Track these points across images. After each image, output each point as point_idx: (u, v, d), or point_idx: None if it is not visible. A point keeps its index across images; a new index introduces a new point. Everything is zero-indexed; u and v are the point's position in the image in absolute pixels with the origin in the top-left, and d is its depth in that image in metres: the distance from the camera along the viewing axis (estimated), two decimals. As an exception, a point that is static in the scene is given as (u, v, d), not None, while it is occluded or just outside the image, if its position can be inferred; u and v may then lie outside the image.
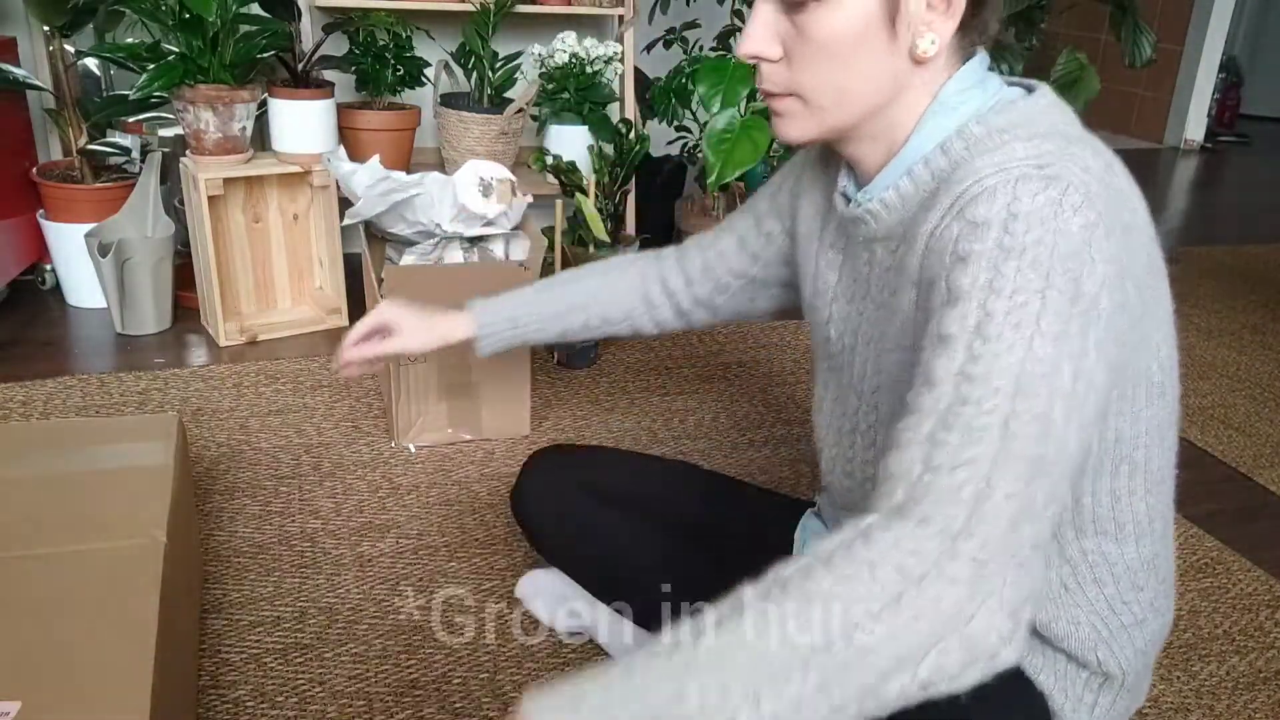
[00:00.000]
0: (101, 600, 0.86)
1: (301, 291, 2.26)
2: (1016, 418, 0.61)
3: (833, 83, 0.74)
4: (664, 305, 1.13)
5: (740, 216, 1.08)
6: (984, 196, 0.67)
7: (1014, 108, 0.74)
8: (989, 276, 0.64)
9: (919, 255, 0.73)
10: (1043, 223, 0.64)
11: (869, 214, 0.81)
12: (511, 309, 1.16)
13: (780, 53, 0.75)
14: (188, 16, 1.85)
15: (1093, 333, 0.64)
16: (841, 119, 0.77)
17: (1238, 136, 4.99)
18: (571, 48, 2.30)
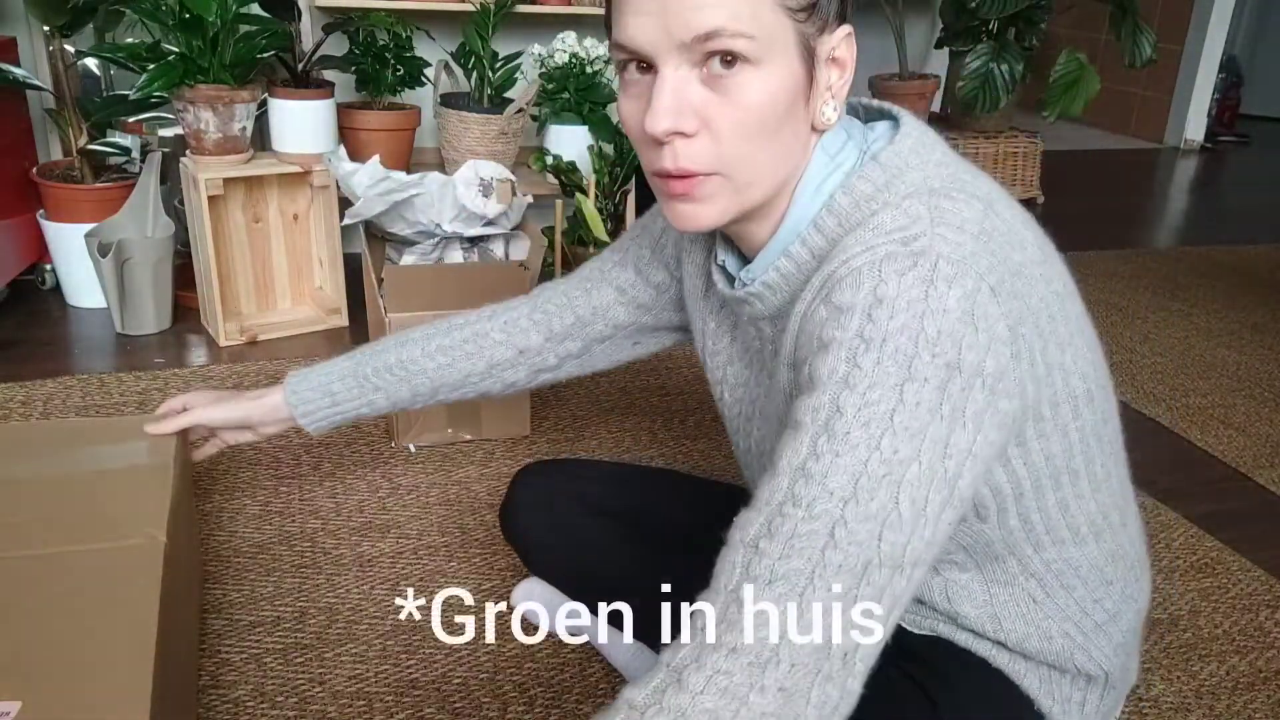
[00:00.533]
0: (101, 600, 0.86)
1: (301, 291, 2.26)
2: (844, 524, 0.60)
3: (760, 154, 0.69)
4: (517, 366, 1.07)
5: (614, 268, 1.03)
6: (849, 280, 0.65)
7: (878, 165, 0.71)
8: (846, 370, 0.63)
9: (792, 335, 0.72)
10: (909, 306, 0.62)
11: (754, 296, 0.78)
12: (326, 381, 1.10)
13: (698, 126, 0.68)
14: (188, 16, 1.85)
15: (973, 404, 0.63)
16: (758, 195, 0.72)
17: (1238, 136, 4.99)
18: (571, 48, 2.30)
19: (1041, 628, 0.82)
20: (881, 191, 0.70)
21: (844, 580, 0.60)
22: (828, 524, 0.60)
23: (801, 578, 0.60)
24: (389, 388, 1.09)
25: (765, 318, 0.80)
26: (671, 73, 0.67)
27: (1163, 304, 2.65)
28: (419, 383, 1.08)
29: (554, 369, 1.08)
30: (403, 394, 1.09)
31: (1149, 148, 4.89)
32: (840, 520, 0.60)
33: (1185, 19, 4.73)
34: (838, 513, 0.60)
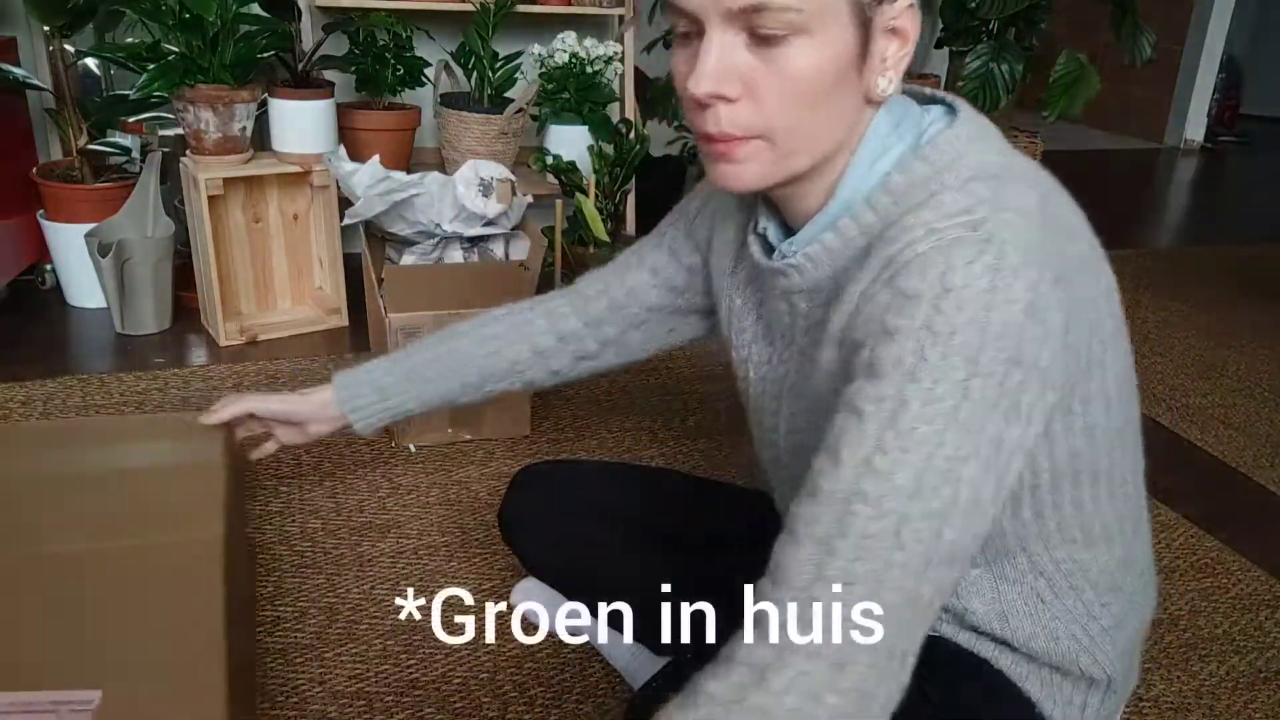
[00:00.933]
0: (167, 593, 0.87)
1: (301, 291, 2.26)
2: (909, 522, 0.61)
3: (804, 123, 0.69)
4: (559, 353, 1.07)
5: (651, 250, 1.03)
6: (915, 265, 0.65)
7: (936, 147, 0.71)
8: (912, 362, 0.62)
9: (846, 314, 0.71)
10: (976, 298, 0.62)
11: (793, 268, 0.77)
12: (374, 376, 1.08)
13: (740, 90, 0.68)
14: (188, 16, 1.85)
15: (1027, 397, 0.63)
16: (803, 163, 0.72)
17: (1238, 136, 4.99)
18: (571, 48, 2.30)
19: (1048, 628, 0.81)
20: (941, 173, 0.70)
21: (908, 580, 0.61)
22: (894, 523, 0.61)
23: (873, 579, 0.61)
24: (438, 379, 1.08)
25: (800, 291, 0.79)
26: (718, 36, 0.67)
27: (1163, 304, 2.65)
28: (467, 373, 1.07)
29: (594, 356, 1.08)
30: (452, 386, 1.08)
31: (1149, 148, 4.89)
32: (906, 518, 0.61)
33: (1185, 19, 4.73)
34: (904, 510, 0.61)
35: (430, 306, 1.64)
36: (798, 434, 0.82)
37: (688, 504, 1.14)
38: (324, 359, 2.02)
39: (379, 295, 1.69)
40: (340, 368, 1.12)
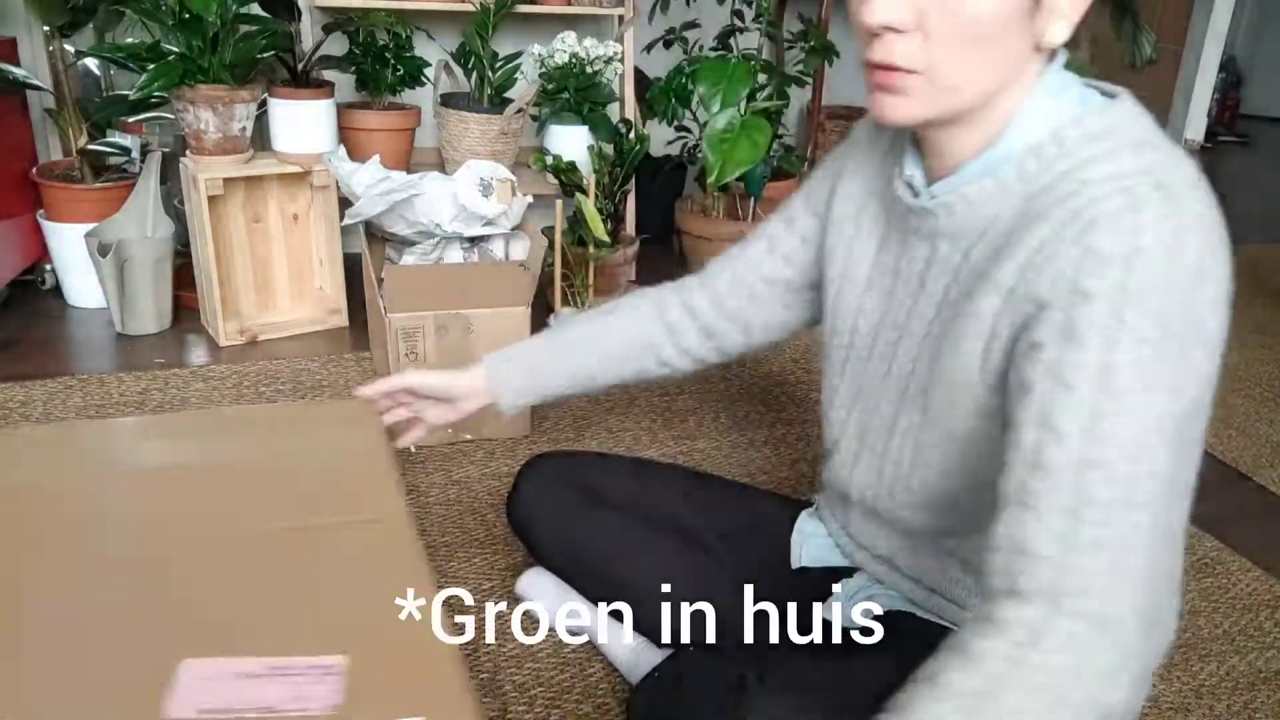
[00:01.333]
0: (376, 568, 0.88)
1: (301, 291, 2.26)
2: (1137, 483, 0.64)
3: (968, 62, 0.70)
4: (689, 329, 1.09)
5: (771, 222, 1.05)
6: (1105, 222, 0.66)
7: (1108, 112, 0.73)
8: (1112, 324, 0.65)
9: (1017, 265, 0.71)
10: (1165, 257, 0.64)
11: (943, 207, 0.78)
12: (523, 354, 1.12)
13: (913, 23, 0.69)
14: (188, 16, 1.85)
15: (1196, 356, 0.66)
16: (960, 103, 0.73)
17: (1238, 136, 4.99)
18: (571, 48, 2.30)
19: None
20: (1112, 134, 0.71)
21: (1146, 538, 0.65)
22: (1126, 487, 0.64)
23: (1119, 543, 0.64)
24: (582, 353, 1.10)
25: (946, 235, 0.80)
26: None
27: (1163, 304, 2.65)
28: (609, 345, 1.09)
29: (720, 334, 1.09)
30: (594, 362, 1.10)
31: (1149, 148, 4.89)
32: (1134, 479, 0.64)
33: (1185, 19, 4.73)
34: (1131, 472, 0.64)
35: (430, 306, 1.64)
36: (910, 378, 0.82)
37: (695, 499, 1.14)
38: (324, 359, 2.02)
39: (379, 295, 1.69)
40: (339, 367, 1.12)
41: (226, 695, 0.70)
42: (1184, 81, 4.81)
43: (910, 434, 0.84)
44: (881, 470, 0.89)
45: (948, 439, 0.80)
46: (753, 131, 1.91)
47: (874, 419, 0.89)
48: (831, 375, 0.96)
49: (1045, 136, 0.73)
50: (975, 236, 0.77)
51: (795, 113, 3.70)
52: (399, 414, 1.17)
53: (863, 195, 0.91)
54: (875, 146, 0.92)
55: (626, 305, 1.12)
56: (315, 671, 0.73)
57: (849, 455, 0.93)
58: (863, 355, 0.91)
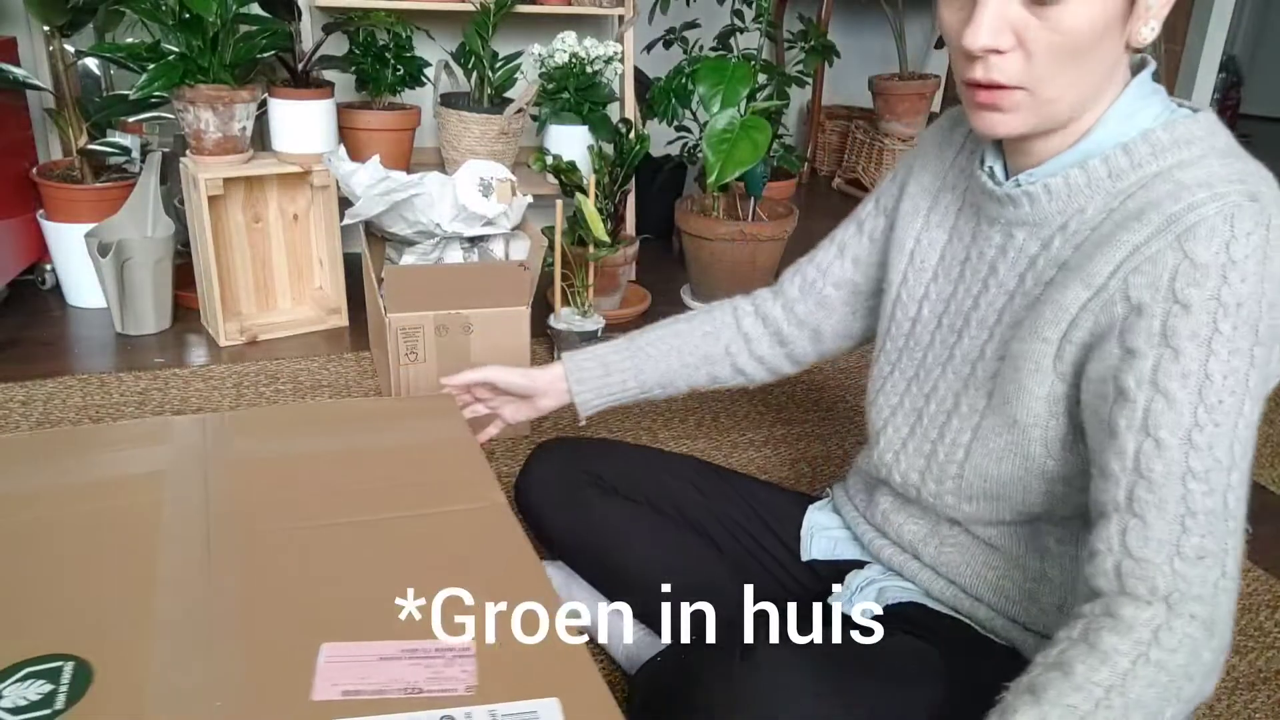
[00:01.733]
0: (487, 550, 0.90)
1: (301, 291, 2.26)
2: (1231, 490, 0.70)
3: (1069, 74, 0.72)
4: (761, 336, 1.11)
5: (842, 227, 1.07)
6: (1202, 229, 0.68)
7: (1196, 120, 0.75)
8: (1207, 334, 0.68)
9: (1113, 263, 0.73)
10: (1258, 268, 0.67)
11: (1027, 196, 0.80)
12: (601, 353, 1.14)
13: (1013, 44, 0.72)
14: (188, 16, 1.85)
15: (1273, 360, 0.70)
16: (1060, 112, 0.75)
17: (1238, 136, 4.99)
18: (571, 48, 2.30)
19: None
20: (1201, 139, 0.74)
21: (1236, 541, 0.71)
22: (1222, 495, 0.69)
23: (1219, 549, 0.70)
24: (659, 357, 1.12)
25: (1025, 224, 0.81)
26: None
27: (1163, 304, 2.65)
28: (686, 352, 1.12)
29: (791, 340, 1.11)
30: (671, 365, 1.12)
31: (1149, 148, 4.89)
32: (1229, 487, 0.70)
33: (1185, 19, 4.73)
34: (1226, 481, 0.69)
35: (430, 306, 1.64)
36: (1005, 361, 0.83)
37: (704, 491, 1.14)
38: (324, 359, 2.02)
39: (379, 295, 1.69)
40: (339, 367, 1.13)
41: (369, 677, 0.73)
42: (1184, 81, 4.81)
43: (970, 418, 0.85)
44: (934, 455, 0.89)
45: (1009, 425, 0.82)
46: (753, 131, 1.91)
47: (930, 405, 0.91)
48: (884, 365, 0.98)
49: (1135, 135, 0.76)
50: (1056, 227, 0.79)
51: (795, 113, 3.70)
52: (477, 409, 1.19)
53: (935, 188, 0.94)
54: (947, 146, 0.95)
55: (703, 312, 1.15)
56: (448, 654, 0.77)
57: (895, 440, 0.94)
58: (923, 342, 0.93)
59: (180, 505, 0.94)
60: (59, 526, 0.90)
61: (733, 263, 2.36)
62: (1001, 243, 0.84)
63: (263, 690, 0.71)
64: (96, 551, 0.87)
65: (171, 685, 0.71)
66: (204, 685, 0.71)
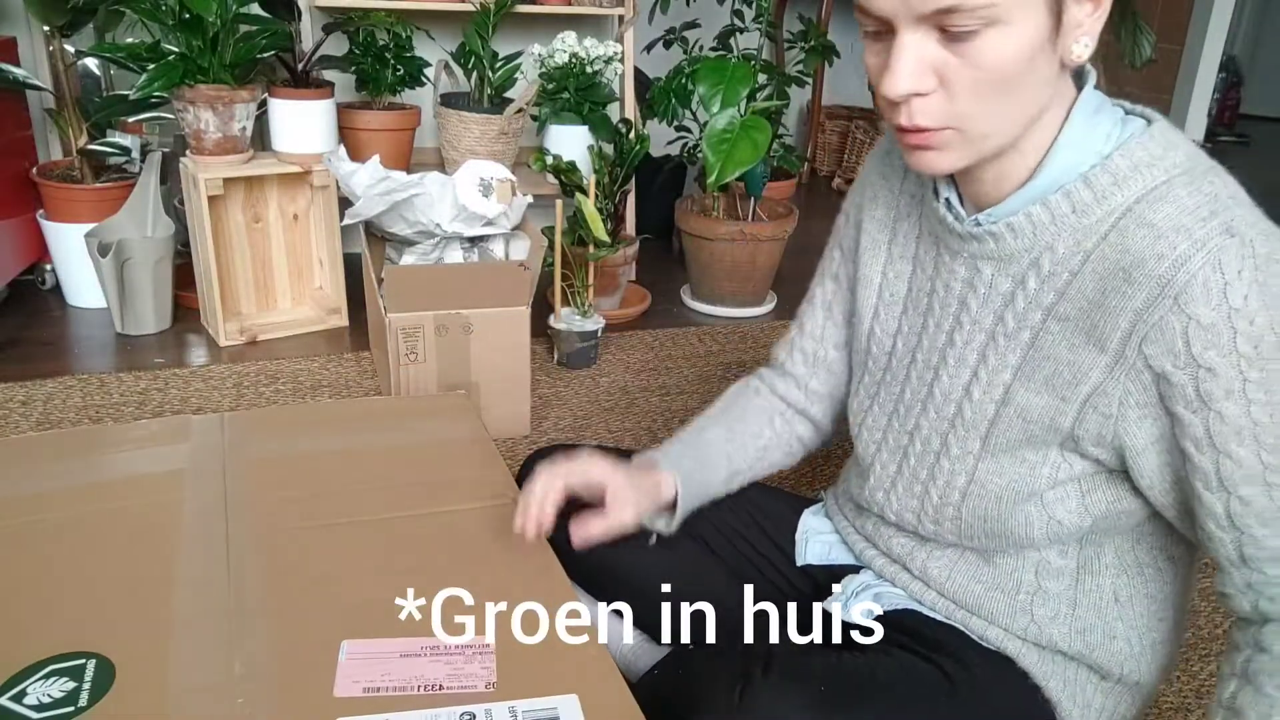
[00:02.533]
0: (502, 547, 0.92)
1: (301, 291, 2.26)
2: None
3: (999, 109, 0.70)
4: (792, 419, 1.06)
5: (818, 285, 1.03)
6: (1197, 287, 0.67)
7: (1152, 137, 0.73)
8: (1240, 386, 0.68)
9: (1121, 330, 0.71)
10: (1260, 299, 0.67)
11: (990, 235, 0.78)
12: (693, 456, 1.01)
13: (935, 84, 0.69)
14: (188, 16, 1.85)
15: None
16: (996, 144, 0.73)
17: (1238, 136, 4.99)
18: (571, 48, 2.30)
19: (1111, 627, 0.83)
20: (1160, 161, 0.72)
21: None
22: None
23: None
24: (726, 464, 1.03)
25: (991, 259, 0.79)
26: (909, 37, 0.67)
27: (1163, 304, 2.65)
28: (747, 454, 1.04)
29: (819, 421, 1.06)
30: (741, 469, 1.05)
31: (1149, 148, 4.88)
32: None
33: (1185, 19, 4.73)
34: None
35: (430, 306, 1.64)
36: (950, 402, 0.83)
37: None
38: (324, 359, 2.02)
39: (379, 295, 1.69)
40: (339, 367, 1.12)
41: (390, 674, 0.73)
42: (1184, 81, 4.81)
43: (963, 461, 0.84)
44: (926, 495, 0.87)
45: (1019, 463, 0.80)
46: (753, 131, 1.91)
47: (915, 444, 0.88)
48: (862, 396, 0.95)
49: (1094, 162, 0.73)
50: (1026, 265, 0.77)
51: (795, 113, 3.70)
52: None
53: (890, 220, 0.91)
54: (891, 174, 0.92)
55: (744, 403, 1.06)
56: (468, 651, 0.78)
57: (885, 478, 0.92)
58: (899, 376, 0.90)
59: (200, 503, 0.95)
60: (80, 525, 0.91)
61: (733, 263, 2.36)
62: (968, 277, 0.82)
63: (284, 686, 0.72)
64: (118, 550, 0.87)
65: (193, 682, 0.72)
66: (225, 682, 0.72)
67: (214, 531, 0.90)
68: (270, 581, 0.84)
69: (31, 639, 0.75)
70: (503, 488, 1.00)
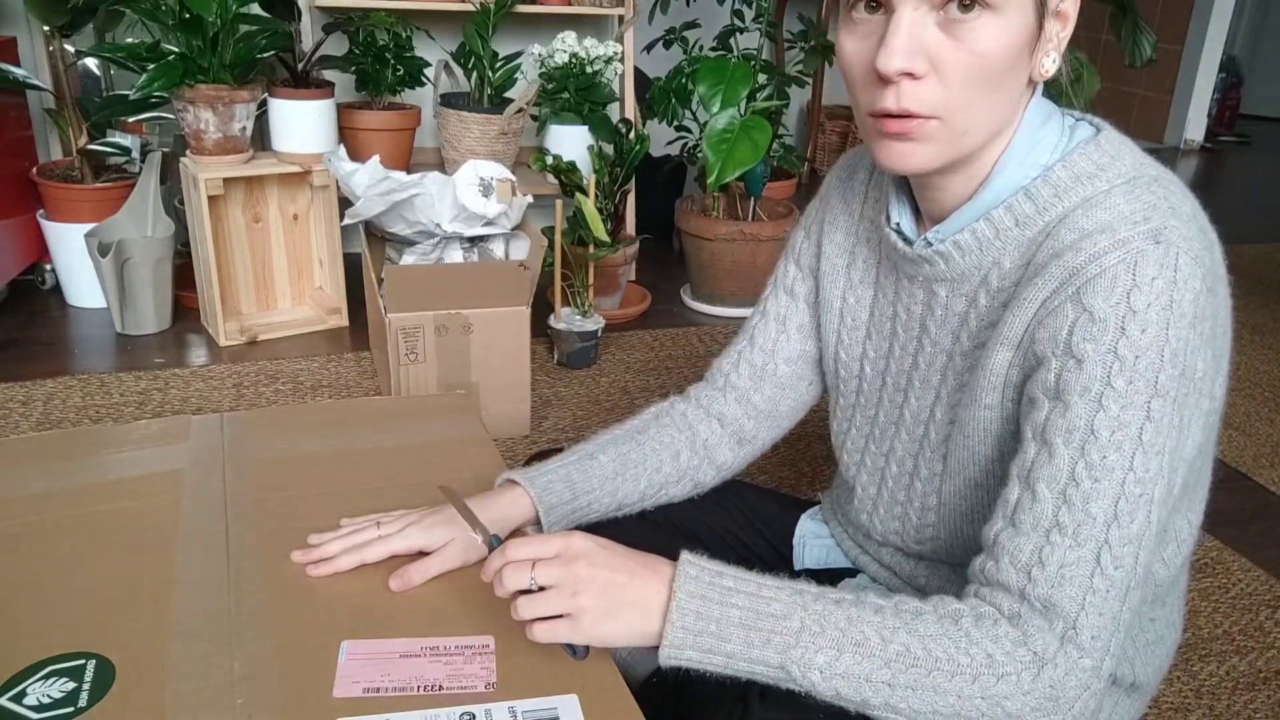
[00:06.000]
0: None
1: (301, 291, 2.26)
2: (1108, 548, 0.66)
3: (982, 103, 0.69)
4: (720, 442, 1.01)
5: (769, 299, 1.00)
6: (1103, 281, 0.65)
7: (1097, 146, 0.72)
8: (1099, 389, 0.65)
9: (1025, 321, 0.71)
10: (1159, 318, 0.64)
11: (939, 256, 0.77)
12: (564, 473, 0.96)
13: (927, 68, 0.67)
14: (188, 16, 1.85)
15: (1190, 409, 0.67)
16: (972, 144, 0.72)
17: (1238, 136, 4.99)
18: (571, 48, 2.30)
19: None
20: (1103, 170, 0.71)
21: (1106, 593, 0.66)
22: (1094, 553, 0.66)
23: (1073, 604, 0.66)
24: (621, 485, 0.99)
25: (944, 280, 0.79)
26: (909, 13, 0.67)
27: (1163, 304, 2.65)
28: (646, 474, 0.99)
29: (751, 439, 1.02)
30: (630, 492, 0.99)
31: (1149, 148, 4.84)
32: (1105, 545, 0.66)
33: (1185, 19, 4.73)
34: (1102, 537, 0.66)
35: (430, 306, 1.64)
36: (955, 425, 0.81)
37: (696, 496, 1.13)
38: (324, 358, 2.02)
39: (379, 295, 1.69)
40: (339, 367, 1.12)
41: (390, 674, 0.73)
42: (1184, 81, 4.81)
43: (932, 482, 0.84)
44: (906, 517, 0.88)
45: (973, 487, 0.80)
46: (753, 131, 1.91)
47: (891, 465, 0.89)
48: (840, 419, 0.95)
49: (1036, 176, 0.73)
50: (977, 283, 0.77)
51: (795, 113, 3.70)
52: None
53: (849, 245, 0.90)
54: (851, 197, 0.91)
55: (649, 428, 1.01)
56: (467, 651, 0.77)
57: (867, 500, 0.92)
58: (872, 400, 0.90)
59: (200, 503, 0.95)
60: (80, 525, 0.91)
61: (733, 263, 2.36)
62: (926, 300, 0.81)
63: (284, 687, 0.72)
64: (118, 550, 0.87)
65: (193, 683, 0.71)
66: (225, 683, 0.72)
67: (214, 531, 0.90)
68: (270, 581, 0.84)
69: (31, 639, 0.75)
70: None
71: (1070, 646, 0.66)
